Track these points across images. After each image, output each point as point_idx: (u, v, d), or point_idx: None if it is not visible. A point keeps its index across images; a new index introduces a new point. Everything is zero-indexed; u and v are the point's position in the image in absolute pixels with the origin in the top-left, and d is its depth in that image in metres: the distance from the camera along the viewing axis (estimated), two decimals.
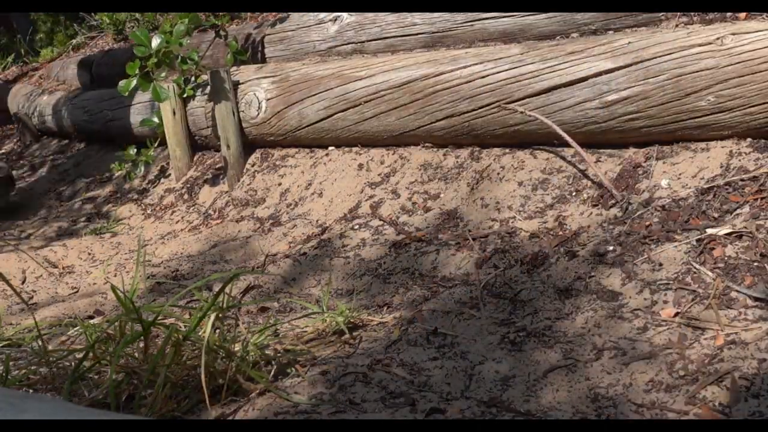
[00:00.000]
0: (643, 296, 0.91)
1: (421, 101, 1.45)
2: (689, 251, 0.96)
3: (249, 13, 2.40)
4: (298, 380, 0.85)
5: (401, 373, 0.85)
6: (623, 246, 1.02)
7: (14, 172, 2.98)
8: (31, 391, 0.88)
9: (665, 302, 0.89)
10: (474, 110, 1.37)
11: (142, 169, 2.10)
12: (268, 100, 1.75)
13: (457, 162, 1.45)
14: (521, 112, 1.30)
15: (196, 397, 0.81)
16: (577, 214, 1.17)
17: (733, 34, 1.10)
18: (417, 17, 1.69)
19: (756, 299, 0.84)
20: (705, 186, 1.07)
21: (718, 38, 1.11)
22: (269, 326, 0.96)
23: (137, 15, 3.44)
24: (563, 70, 1.25)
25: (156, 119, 2.01)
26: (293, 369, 0.88)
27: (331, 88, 1.61)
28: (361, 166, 1.58)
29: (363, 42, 1.82)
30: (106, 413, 0.52)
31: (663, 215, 1.06)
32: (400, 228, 1.35)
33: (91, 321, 1.09)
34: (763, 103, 1.07)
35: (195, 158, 2.02)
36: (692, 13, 1.28)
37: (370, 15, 1.80)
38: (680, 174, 1.13)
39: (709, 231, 0.98)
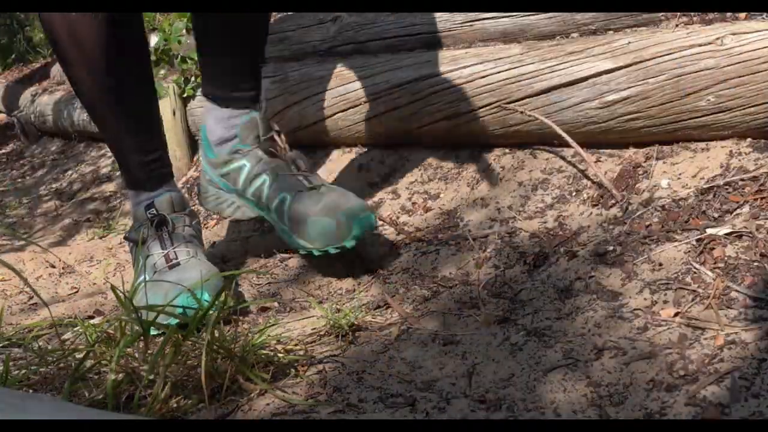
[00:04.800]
0: (643, 296, 0.91)
1: (422, 101, 1.45)
2: (689, 251, 0.96)
3: None
4: (297, 381, 0.86)
5: (401, 373, 0.85)
6: (623, 246, 1.02)
7: (14, 172, 2.99)
8: (31, 391, 0.88)
9: (665, 302, 0.89)
10: (474, 110, 1.37)
11: None
12: (268, 100, 1.75)
13: (457, 162, 1.45)
14: (521, 112, 1.30)
15: (196, 397, 0.81)
16: (577, 214, 1.17)
17: (733, 34, 1.10)
18: (417, 17, 1.69)
19: (756, 299, 0.84)
20: (705, 186, 1.07)
21: (718, 38, 1.11)
22: (269, 326, 0.96)
23: None
24: (563, 70, 1.25)
25: None
26: (293, 369, 0.88)
27: (331, 88, 1.61)
28: (361, 166, 1.58)
29: (363, 42, 1.82)
30: (106, 413, 0.52)
31: (663, 215, 1.06)
32: (400, 228, 1.35)
33: (91, 321, 1.09)
34: (763, 103, 1.07)
35: (195, 158, 2.02)
36: (692, 13, 1.28)
37: (370, 15, 1.80)
38: (680, 174, 1.13)
39: (709, 231, 0.98)
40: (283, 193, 1.18)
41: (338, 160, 1.64)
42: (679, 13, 1.30)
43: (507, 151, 1.39)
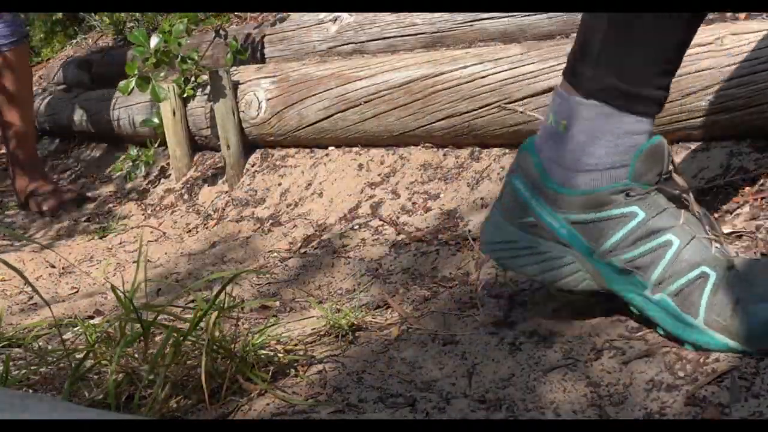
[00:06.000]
0: None
1: (421, 101, 1.45)
2: None
3: (249, 13, 2.41)
4: (297, 381, 0.86)
5: (401, 373, 0.85)
6: None
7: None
8: (31, 391, 0.88)
9: None
10: (474, 110, 1.37)
11: (142, 169, 2.10)
12: (268, 100, 1.75)
13: (457, 162, 1.45)
14: (521, 112, 1.30)
15: (196, 397, 0.81)
16: None
17: (733, 34, 1.10)
18: (417, 17, 1.69)
19: None
20: (705, 186, 1.07)
21: (718, 38, 1.11)
22: (269, 326, 0.96)
23: (137, 15, 3.44)
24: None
25: (156, 120, 2.01)
26: (293, 369, 0.89)
27: (331, 88, 1.61)
28: (361, 166, 1.58)
29: (363, 42, 1.82)
30: (106, 413, 0.52)
31: None
32: (400, 228, 1.35)
33: (91, 321, 1.09)
34: (763, 103, 1.07)
35: (195, 158, 2.02)
36: None
37: (370, 15, 1.80)
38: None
39: None
40: (704, 268, 0.78)
41: (338, 160, 1.64)
42: None
43: (507, 151, 1.39)
